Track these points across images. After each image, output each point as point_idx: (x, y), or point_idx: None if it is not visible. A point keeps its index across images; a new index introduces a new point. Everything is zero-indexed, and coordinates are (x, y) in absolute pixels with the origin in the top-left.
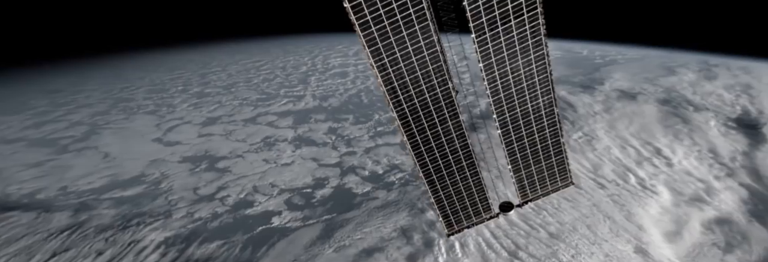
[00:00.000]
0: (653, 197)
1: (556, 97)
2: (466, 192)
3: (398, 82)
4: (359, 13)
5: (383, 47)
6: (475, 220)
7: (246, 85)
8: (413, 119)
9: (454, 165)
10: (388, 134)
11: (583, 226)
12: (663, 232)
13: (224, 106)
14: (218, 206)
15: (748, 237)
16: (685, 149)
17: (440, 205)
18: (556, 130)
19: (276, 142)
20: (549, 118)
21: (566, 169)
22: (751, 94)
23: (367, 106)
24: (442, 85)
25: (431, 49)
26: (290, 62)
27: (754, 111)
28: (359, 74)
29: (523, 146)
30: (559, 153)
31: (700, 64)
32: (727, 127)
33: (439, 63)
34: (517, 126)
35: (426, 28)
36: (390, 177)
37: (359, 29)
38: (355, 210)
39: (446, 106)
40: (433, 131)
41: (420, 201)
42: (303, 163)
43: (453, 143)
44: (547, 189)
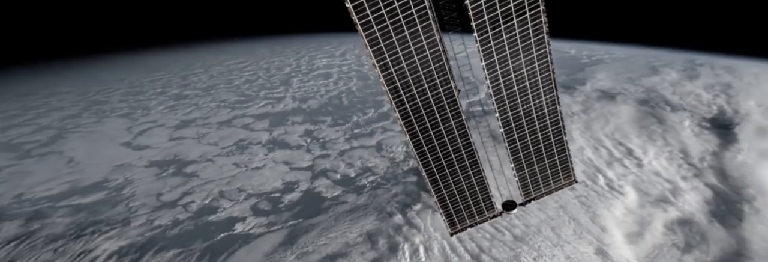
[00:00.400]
0: (619, 198)
1: (559, 95)
2: (468, 191)
3: (400, 81)
4: (361, 13)
5: (385, 47)
6: (478, 219)
7: (226, 86)
8: (415, 118)
9: (456, 164)
10: (364, 136)
11: (548, 228)
12: (625, 233)
13: (201, 108)
14: (180, 212)
15: (707, 238)
16: (657, 149)
17: (443, 204)
18: (559, 128)
19: (249, 145)
20: (551, 117)
21: (569, 167)
22: (730, 93)
23: (346, 108)
24: (443, 84)
25: (433, 48)
26: (275, 63)
27: (730, 111)
28: (343, 75)
29: (525, 144)
30: (562, 151)
31: (686, 63)
32: (701, 127)
33: (440, 62)
34: (520, 124)
35: (428, 27)
36: (362, 180)
37: (361, 29)
38: (322, 215)
39: (448, 105)
40: (435, 130)
41: (389, 205)
42: (274, 166)
43: (455, 141)
44: (550, 187)
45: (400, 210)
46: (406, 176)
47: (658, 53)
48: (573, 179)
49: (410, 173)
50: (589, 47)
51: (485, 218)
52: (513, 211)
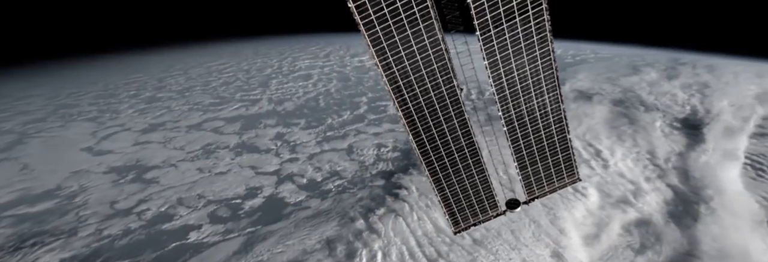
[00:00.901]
0: (581, 200)
1: (562, 94)
2: (472, 190)
3: (403, 80)
4: (363, 13)
5: (387, 46)
6: (482, 217)
7: (202, 89)
8: (418, 118)
9: (459, 163)
10: (336, 139)
11: (508, 231)
12: (583, 235)
13: (172, 111)
14: (133, 221)
15: (661, 238)
16: (625, 150)
17: (446, 203)
18: (563, 126)
19: (216, 149)
20: (555, 115)
21: (573, 165)
22: (705, 93)
23: (322, 110)
24: (446, 83)
25: (436, 47)
26: (257, 65)
27: (702, 111)
28: (323, 77)
29: (529, 142)
30: (566, 149)
31: (670, 62)
32: (671, 127)
33: (443, 61)
34: (523, 123)
35: (430, 26)
36: (328, 185)
37: (363, 29)
38: (282, 221)
39: (451, 104)
40: (438, 130)
41: (353, 209)
42: (239, 171)
43: (458, 140)
44: (554, 186)
45: (363, 215)
46: (373, 179)
47: (645, 52)
48: (577, 177)
49: (378, 177)
50: (577, 47)
51: (489, 217)
52: (516, 209)
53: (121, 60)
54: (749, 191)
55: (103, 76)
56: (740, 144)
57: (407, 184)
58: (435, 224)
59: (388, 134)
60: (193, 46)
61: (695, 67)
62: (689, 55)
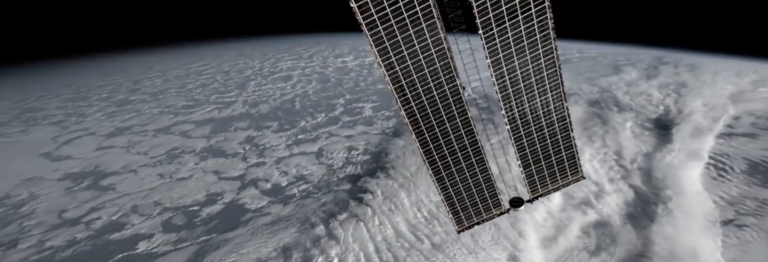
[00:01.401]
0: (544, 202)
1: (565, 91)
2: (475, 188)
3: (406, 80)
4: (366, 13)
5: (390, 46)
6: (485, 216)
7: (177, 91)
8: (421, 117)
9: (463, 162)
10: (307, 142)
11: (468, 235)
12: (541, 238)
13: (142, 114)
14: (81, 230)
15: (616, 240)
16: (593, 151)
17: (450, 202)
18: (566, 124)
19: (181, 154)
20: (558, 113)
21: (576, 163)
22: (681, 93)
23: (296, 113)
24: (449, 82)
25: (438, 46)
26: (238, 66)
27: (675, 111)
28: (303, 78)
29: (532, 141)
30: (569, 147)
31: (653, 61)
32: (642, 128)
33: (446, 60)
34: (526, 121)
35: (433, 25)
36: (292, 189)
37: (366, 29)
38: (240, 228)
39: (454, 103)
40: (441, 128)
41: (314, 215)
42: (202, 177)
43: (461, 139)
44: (558, 184)
45: (324, 221)
46: (340, 183)
47: (632, 51)
48: (580, 174)
49: (345, 181)
50: (564, 46)
51: (492, 216)
52: (520, 208)
53: (101, 62)
54: (708, 191)
55: (78, 78)
56: (706, 144)
57: (373, 188)
58: (396, 229)
59: (360, 136)
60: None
61: (677, 66)
62: (675, 53)
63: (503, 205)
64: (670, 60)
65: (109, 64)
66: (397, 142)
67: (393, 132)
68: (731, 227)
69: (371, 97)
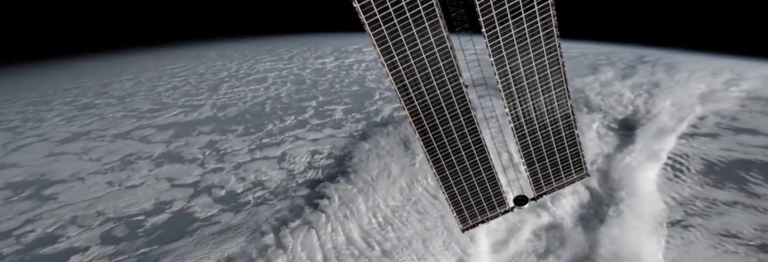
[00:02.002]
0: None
1: (569, 89)
2: (479, 187)
3: (409, 79)
4: (368, 13)
5: (393, 45)
6: (490, 214)
7: (146, 94)
8: (425, 116)
9: (466, 160)
10: (271, 146)
11: (420, 240)
12: (492, 242)
13: (104, 119)
14: (9, 245)
15: (565, 242)
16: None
17: (454, 200)
18: (569, 121)
19: (136, 160)
20: (562, 110)
21: (581, 160)
22: (653, 93)
23: (265, 116)
24: (452, 81)
25: (441, 45)
26: (214, 68)
27: (643, 111)
28: (278, 80)
29: (536, 138)
30: (573, 145)
31: (634, 60)
32: (608, 129)
33: (449, 59)
34: (530, 119)
35: (435, 24)
36: (247, 196)
37: (369, 28)
38: (184, 239)
39: (458, 102)
40: (444, 127)
41: (266, 223)
42: (153, 184)
43: (465, 138)
44: (562, 181)
45: (274, 229)
46: (298, 189)
47: (615, 50)
48: (585, 172)
49: (303, 186)
50: None
51: (497, 214)
52: (525, 206)
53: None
54: (661, 191)
55: (47, 81)
56: (667, 145)
57: (331, 193)
58: (347, 236)
59: (327, 139)
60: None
61: (655, 65)
62: (659, 52)
63: (507, 203)
64: (651, 59)
65: (83, 66)
66: (363, 145)
67: (360, 135)
68: (678, 227)
69: (344, 99)
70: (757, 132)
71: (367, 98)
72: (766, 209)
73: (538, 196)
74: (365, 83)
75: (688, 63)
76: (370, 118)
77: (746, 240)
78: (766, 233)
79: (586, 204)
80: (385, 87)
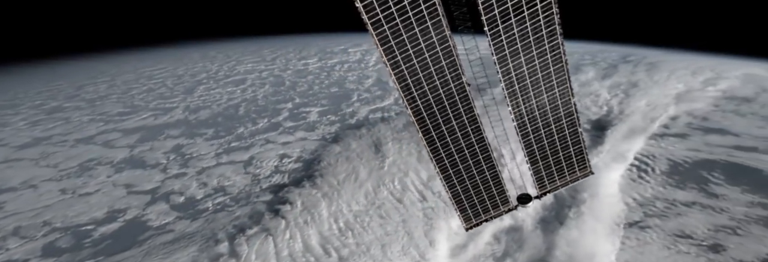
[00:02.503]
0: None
1: (572, 87)
2: (483, 186)
3: (412, 78)
4: (371, 12)
5: (396, 45)
6: (493, 213)
7: (119, 97)
8: (428, 115)
9: (469, 159)
10: (239, 150)
11: (379, 246)
12: (452, 246)
13: (70, 123)
14: None
15: (523, 245)
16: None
17: (457, 199)
18: (573, 119)
19: (96, 166)
20: (565, 108)
21: (585, 158)
22: (629, 93)
23: (237, 119)
24: (455, 79)
25: (444, 44)
26: (194, 69)
27: (616, 112)
28: (257, 81)
29: (539, 137)
30: (577, 143)
31: (617, 59)
32: None
33: (452, 58)
34: (533, 118)
35: (438, 23)
36: (207, 203)
37: (371, 28)
38: (133, 249)
39: (460, 101)
40: (448, 126)
41: (222, 231)
42: (109, 191)
43: (468, 137)
44: (566, 180)
45: (230, 237)
46: (261, 194)
47: (601, 49)
48: (589, 170)
49: (267, 191)
50: None
51: (500, 212)
52: (529, 204)
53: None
54: (624, 192)
55: (19, 84)
56: (635, 145)
57: (294, 198)
58: (305, 243)
59: (298, 143)
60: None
61: (638, 64)
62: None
63: (511, 201)
64: (635, 58)
65: (61, 68)
66: (334, 148)
67: (333, 138)
68: (635, 228)
69: (321, 101)
70: (725, 132)
71: (344, 100)
72: (723, 210)
73: (541, 194)
74: (345, 85)
75: (671, 62)
76: (345, 120)
77: (699, 240)
78: (719, 233)
79: (549, 206)
80: (364, 88)
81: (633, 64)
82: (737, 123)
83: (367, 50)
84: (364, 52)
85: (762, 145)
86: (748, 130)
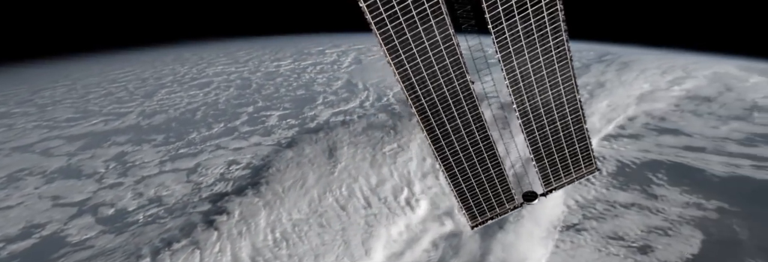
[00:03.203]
0: (407, 214)
1: (577, 84)
2: (488, 184)
3: (416, 77)
4: (375, 12)
5: (399, 44)
6: (499, 211)
7: (74, 101)
8: (432, 114)
9: (474, 157)
10: (186, 157)
11: (312, 257)
12: (389, 254)
13: (12, 130)
14: None
15: (459, 251)
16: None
17: (463, 198)
18: (578, 116)
19: (26, 176)
20: (570, 105)
21: (590, 155)
22: (594, 94)
23: (192, 123)
24: (459, 78)
25: (447, 42)
26: (163, 72)
27: None
28: (223, 84)
29: (544, 134)
30: (582, 140)
31: (593, 59)
32: None
33: (455, 56)
34: (538, 115)
35: (441, 21)
36: (138, 215)
37: (375, 27)
38: None
39: (465, 99)
40: (452, 125)
41: (148, 244)
42: (33, 204)
43: (473, 135)
44: (572, 177)
45: (154, 251)
46: (199, 204)
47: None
48: (595, 167)
49: (206, 201)
50: None
51: (506, 210)
52: (534, 201)
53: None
54: (567, 195)
55: None
56: None
57: (233, 208)
58: (235, 256)
59: (250, 148)
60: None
61: (611, 64)
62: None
63: (516, 199)
64: (610, 57)
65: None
66: (286, 153)
67: (288, 143)
68: (571, 231)
69: (284, 105)
70: (679, 132)
71: (308, 103)
72: (659, 211)
73: (547, 191)
74: (313, 87)
75: (644, 61)
76: (305, 124)
77: (630, 242)
78: (651, 234)
79: None
80: (331, 91)
81: (606, 63)
82: (693, 123)
83: (344, 51)
84: (340, 54)
85: (711, 145)
86: (702, 130)
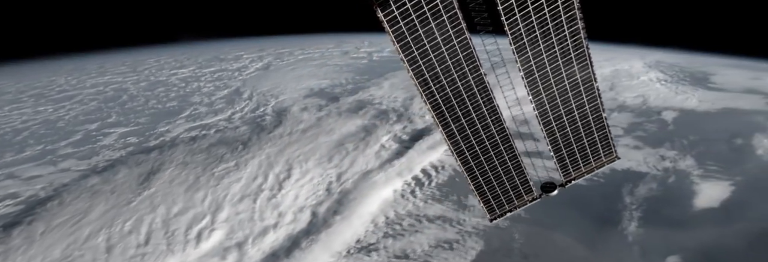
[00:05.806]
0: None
1: (594, 71)
2: (505, 176)
3: (429, 73)
4: (386, 10)
5: (412, 40)
6: (517, 203)
7: None
8: (447, 109)
9: (491, 150)
10: None
11: None
12: None
13: None
14: None
15: None
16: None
17: (480, 191)
18: (596, 104)
19: None
20: (588, 94)
21: (610, 143)
22: None
23: (6, 145)
24: (473, 71)
25: (460, 36)
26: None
27: None
28: (87, 97)
29: (562, 124)
30: (602, 128)
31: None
32: (397, 141)
33: (469, 50)
34: (555, 105)
35: (454, 16)
36: None
37: (387, 25)
38: None
39: (479, 92)
40: (467, 119)
41: None
42: None
43: (489, 128)
44: (591, 166)
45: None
46: None
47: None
48: (615, 155)
49: None
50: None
51: (524, 202)
52: (553, 193)
53: None
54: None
55: None
56: (432, 156)
57: None
58: None
59: (49, 176)
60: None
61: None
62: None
63: (535, 191)
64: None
65: None
66: (90, 181)
67: (105, 167)
68: (362, 253)
69: (140, 120)
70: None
71: (170, 117)
72: (459, 223)
73: (567, 181)
74: (191, 98)
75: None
76: (145, 142)
77: (412, 260)
78: (436, 249)
79: (294, 235)
80: (208, 101)
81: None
82: None
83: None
84: (254, 59)
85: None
86: None
